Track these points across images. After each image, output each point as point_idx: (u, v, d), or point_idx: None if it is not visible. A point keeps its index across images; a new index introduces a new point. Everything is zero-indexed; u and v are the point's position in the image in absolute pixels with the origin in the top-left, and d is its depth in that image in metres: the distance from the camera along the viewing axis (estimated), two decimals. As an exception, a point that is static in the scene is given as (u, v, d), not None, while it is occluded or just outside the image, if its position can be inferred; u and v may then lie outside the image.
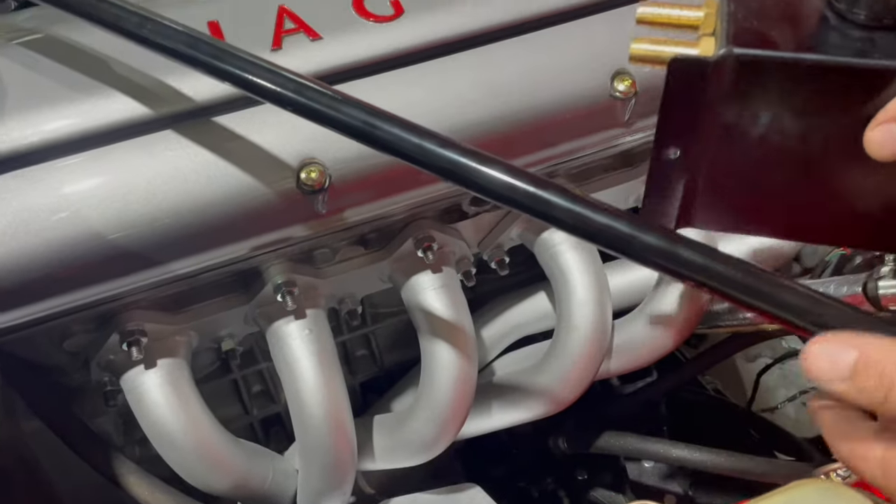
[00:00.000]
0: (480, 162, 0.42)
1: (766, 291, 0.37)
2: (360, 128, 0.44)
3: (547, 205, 0.41)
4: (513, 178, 0.41)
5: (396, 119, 0.44)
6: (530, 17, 0.61)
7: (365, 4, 0.59)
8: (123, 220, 0.52)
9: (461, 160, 0.42)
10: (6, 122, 0.52)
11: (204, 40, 0.47)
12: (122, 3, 0.49)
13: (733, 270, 0.38)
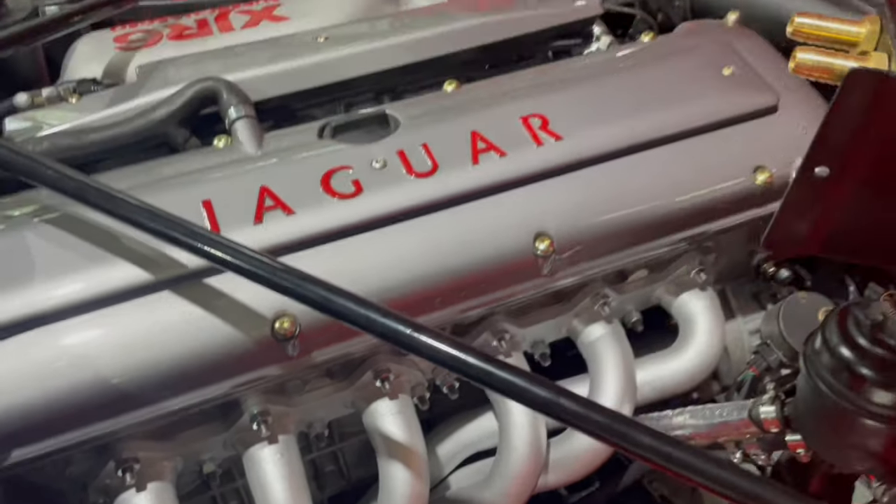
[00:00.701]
0: (409, 327, 0.54)
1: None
2: (315, 301, 0.57)
3: (462, 363, 0.53)
4: (436, 341, 0.53)
5: (346, 293, 0.57)
6: (466, 192, 0.75)
7: (331, 184, 0.73)
8: (128, 366, 0.63)
9: (395, 327, 0.54)
10: (35, 288, 0.63)
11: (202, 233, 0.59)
12: (124, 196, 0.62)
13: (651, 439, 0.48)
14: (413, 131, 0.78)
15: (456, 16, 0.99)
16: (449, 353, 0.52)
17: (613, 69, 0.88)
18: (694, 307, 0.89)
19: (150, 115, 0.81)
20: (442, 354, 0.53)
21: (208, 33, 0.99)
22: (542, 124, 0.78)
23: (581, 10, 1.01)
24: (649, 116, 0.81)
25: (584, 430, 0.50)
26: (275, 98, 0.88)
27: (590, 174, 0.78)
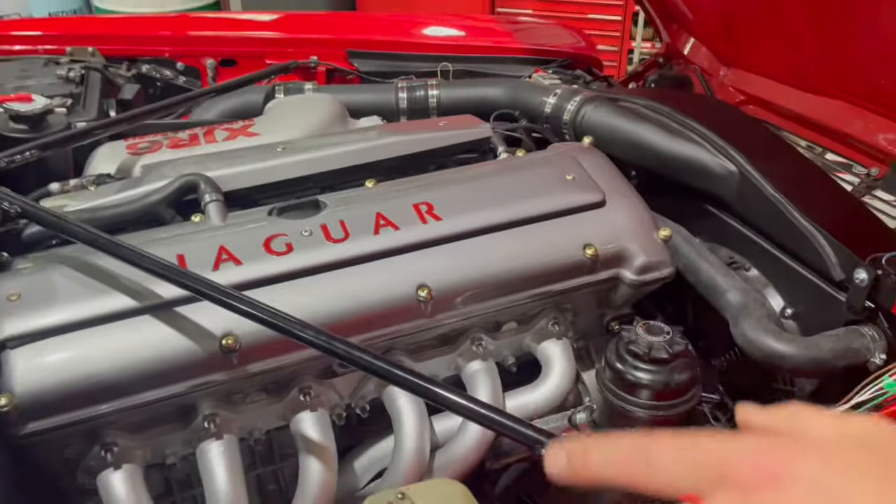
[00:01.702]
0: (330, 339, 0.82)
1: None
2: (256, 316, 0.85)
3: (368, 363, 0.80)
4: (342, 346, 0.81)
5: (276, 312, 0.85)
6: (369, 254, 1.04)
7: (271, 246, 1.02)
8: (117, 364, 0.90)
9: (318, 339, 0.82)
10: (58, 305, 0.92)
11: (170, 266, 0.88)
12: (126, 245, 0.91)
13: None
14: (335, 211, 1.09)
15: (384, 134, 1.33)
16: (336, 346, 0.81)
17: (488, 173, 1.21)
18: (551, 352, 1.16)
19: (147, 198, 1.12)
20: (334, 347, 0.81)
21: (197, 143, 1.32)
22: (428, 209, 1.09)
23: (478, 133, 1.36)
24: (509, 205, 1.12)
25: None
26: (241, 189, 1.19)
27: (462, 245, 1.08)
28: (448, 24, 2.14)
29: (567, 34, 2.17)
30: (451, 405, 0.80)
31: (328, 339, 0.84)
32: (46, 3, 4.56)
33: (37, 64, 1.59)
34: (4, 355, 0.89)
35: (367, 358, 0.82)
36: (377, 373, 0.83)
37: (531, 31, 2.12)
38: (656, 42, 4.00)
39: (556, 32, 2.16)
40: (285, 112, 1.47)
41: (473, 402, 0.79)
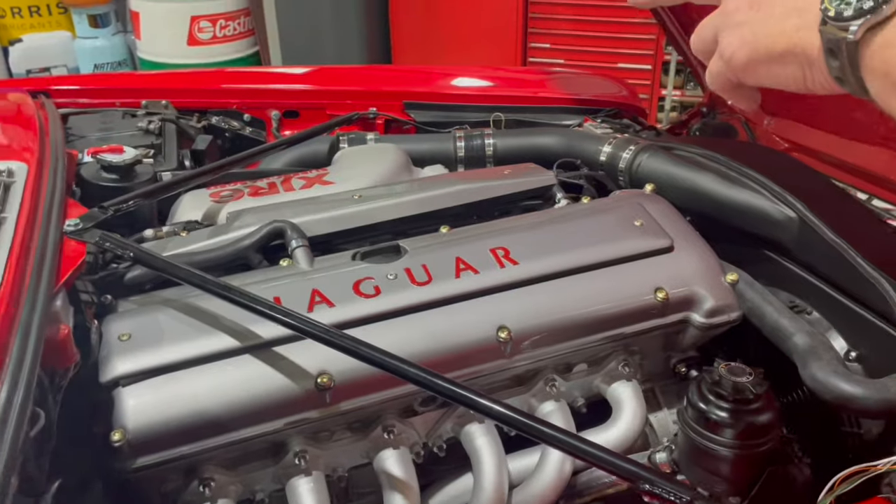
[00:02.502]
0: (426, 373, 0.87)
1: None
2: (364, 354, 0.90)
3: (468, 399, 0.85)
4: (441, 382, 0.86)
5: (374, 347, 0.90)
6: (451, 296, 1.09)
7: (360, 288, 1.08)
8: (220, 402, 0.95)
9: (416, 373, 0.87)
10: (166, 345, 0.97)
11: (276, 307, 0.94)
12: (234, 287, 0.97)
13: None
14: (416, 256, 1.15)
15: (453, 182, 1.39)
16: (429, 380, 0.85)
17: (558, 219, 1.26)
18: (621, 393, 1.20)
19: (238, 244, 1.18)
20: (424, 380, 0.85)
21: (276, 192, 1.39)
22: (504, 254, 1.15)
23: (542, 181, 1.42)
24: (581, 250, 1.17)
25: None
26: (321, 235, 1.26)
27: (538, 288, 1.13)
28: (495, 75, 2.23)
29: (610, 84, 2.24)
30: (558, 443, 0.84)
31: (432, 376, 0.89)
32: (91, 55, 4.76)
33: (115, 116, 1.68)
34: (117, 392, 0.94)
35: (469, 395, 0.86)
36: (480, 409, 0.87)
37: (575, 81, 2.19)
38: (686, 90, 4.09)
39: (600, 82, 2.24)
40: (355, 161, 1.54)
41: (583, 441, 0.83)
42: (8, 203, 1.03)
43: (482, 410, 0.91)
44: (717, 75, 0.67)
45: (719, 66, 0.66)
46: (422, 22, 4.16)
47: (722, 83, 0.67)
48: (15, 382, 0.72)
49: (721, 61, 0.65)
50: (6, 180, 1.09)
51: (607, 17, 3.92)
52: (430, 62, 4.17)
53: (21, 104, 1.49)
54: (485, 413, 0.92)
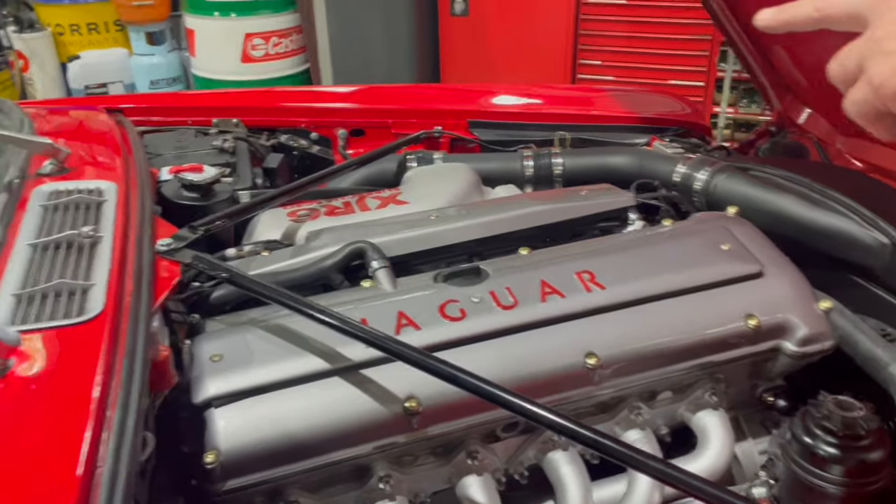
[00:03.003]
0: (520, 399, 0.85)
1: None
2: (446, 375, 0.89)
3: (547, 420, 0.83)
4: (536, 408, 0.84)
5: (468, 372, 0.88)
6: (537, 321, 1.07)
7: (445, 311, 1.07)
8: (308, 425, 0.95)
9: (510, 399, 0.85)
10: (257, 366, 0.97)
11: (370, 330, 0.93)
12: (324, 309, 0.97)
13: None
14: (500, 278, 1.13)
15: (529, 203, 1.38)
16: (523, 406, 0.83)
17: (642, 242, 1.24)
18: (708, 422, 1.16)
19: (320, 264, 1.18)
20: (518, 406, 0.84)
21: (351, 211, 1.39)
22: (590, 277, 1.12)
23: (620, 202, 1.40)
24: (669, 275, 1.15)
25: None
26: (400, 256, 1.25)
27: (626, 313, 1.10)
28: (556, 93, 2.22)
29: (673, 101, 2.21)
30: (653, 471, 0.81)
31: (526, 402, 0.87)
32: (147, 72, 4.88)
33: (189, 134, 1.70)
34: (210, 414, 0.94)
35: (565, 423, 0.84)
36: (574, 436, 0.85)
37: (639, 99, 2.16)
38: (739, 107, 4.03)
39: (663, 100, 2.21)
40: (427, 181, 1.54)
41: (679, 470, 0.80)
42: (102, 222, 1.04)
43: (577, 437, 0.89)
44: (861, 103, 0.65)
45: (865, 93, 0.64)
46: (471, 39, 4.18)
47: (866, 111, 0.65)
48: (126, 407, 0.72)
49: (868, 89, 0.63)
50: (97, 199, 1.10)
51: (659, 33, 3.88)
52: (478, 80, 4.18)
53: (102, 123, 1.52)
54: (580, 440, 0.90)
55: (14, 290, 0.87)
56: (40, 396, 0.73)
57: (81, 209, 1.07)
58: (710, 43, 3.80)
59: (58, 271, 0.91)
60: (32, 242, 0.97)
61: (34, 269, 0.92)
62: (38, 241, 0.97)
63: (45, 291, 0.87)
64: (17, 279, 0.89)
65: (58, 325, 0.82)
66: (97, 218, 1.06)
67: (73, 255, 0.95)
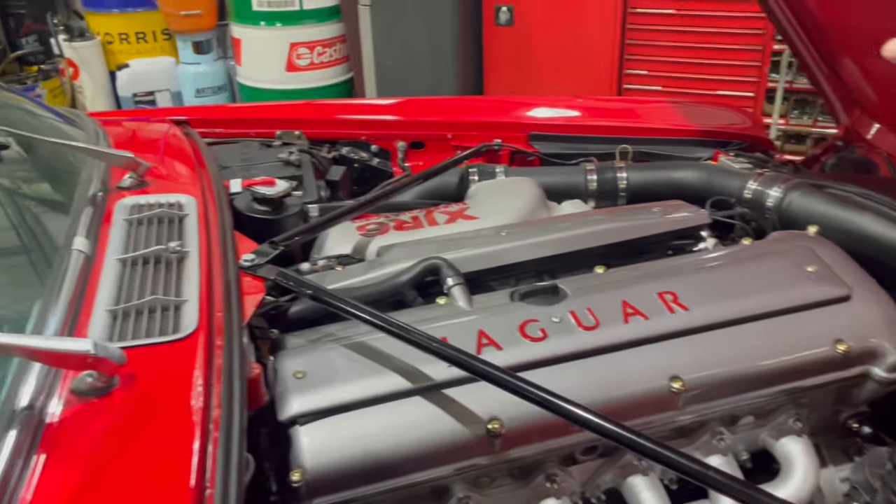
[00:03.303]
0: (608, 422, 0.83)
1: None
2: (533, 396, 0.87)
3: (636, 444, 0.81)
4: (626, 432, 0.82)
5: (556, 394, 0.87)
6: (621, 342, 1.05)
7: (526, 331, 1.05)
8: (393, 444, 0.94)
9: (599, 422, 0.84)
10: (340, 384, 0.96)
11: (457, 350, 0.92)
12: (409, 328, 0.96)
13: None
14: (579, 298, 1.11)
15: (603, 220, 1.36)
16: (613, 429, 0.82)
17: (724, 262, 1.21)
18: (792, 449, 1.13)
19: (395, 280, 1.18)
20: (607, 429, 0.82)
21: (420, 226, 1.39)
22: (673, 298, 1.10)
23: (695, 219, 1.37)
24: (754, 297, 1.12)
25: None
26: (473, 272, 1.24)
27: (712, 336, 1.08)
28: (612, 106, 2.19)
29: (733, 114, 2.17)
30: (744, 498, 0.79)
31: (615, 425, 0.85)
32: (194, 80, 4.95)
33: (253, 146, 1.72)
34: (295, 431, 0.94)
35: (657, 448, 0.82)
36: (663, 461, 0.83)
37: (698, 111, 2.13)
38: (790, 118, 3.95)
39: (723, 113, 2.17)
40: (493, 196, 1.53)
41: (768, 496, 0.77)
42: (186, 237, 1.04)
43: (665, 462, 0.86)
44: None
45: None
46: (515, 48, 4.16)
47: None
48: (229, 429, 0.72)
49: None
50: (179, 213, 1.11)
51: (708, 43, 3.82)
52: (522, 90, 4.16)
53: (172, 135, 1.53)
54: (667, 465, 0.87)
55: (108, 305, 0.88)
56: (145, 415, 0.73)
57: (165, 223, 1.08)
58: (761, 53, 3.74)
59: (149, 287, 0.92)
60: (122, 257, 0.98)
61: (125, 284, 0.92)
62: (126, 255, 0.98)
63: (140, 308, 0.87)
64: (110, 295, 0.90)
65: (155, 342, 0.82)
66: (181, 232, 1.06)
67: (162, 270, 0.96)
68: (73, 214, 1.04)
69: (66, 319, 0.82)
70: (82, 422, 0.70)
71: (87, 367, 0.71)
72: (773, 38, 3.62)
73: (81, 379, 0.74)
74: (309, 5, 4.29)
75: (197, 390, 0.76)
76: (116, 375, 0.74)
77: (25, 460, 0.64)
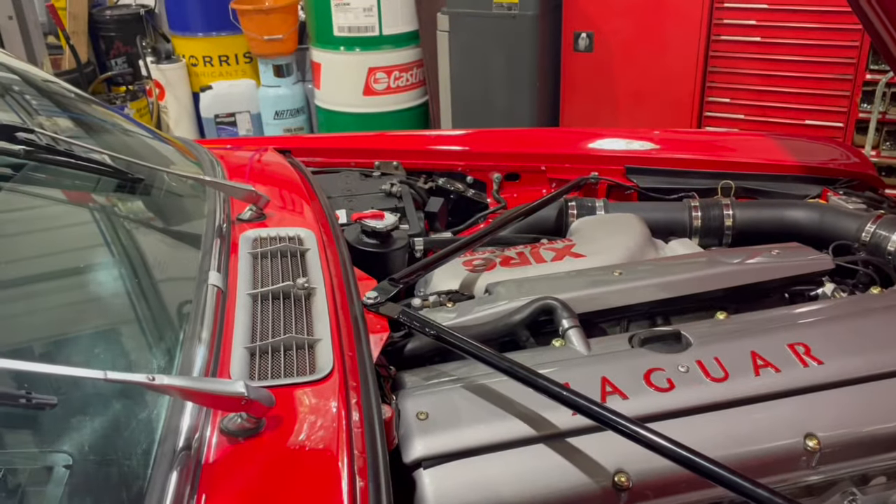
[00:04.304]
0: (733, 475, 0.80)
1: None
2: (664, 449, 0.84)
3: (770, 501, 0.77)
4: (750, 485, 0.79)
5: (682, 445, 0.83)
6: (752, 396, 1.01)
7: (651, 380, 1.02)
8: (519, 493, 0.92)
9: (723, 473, 0.80)
10: (463, 427, 0.95)
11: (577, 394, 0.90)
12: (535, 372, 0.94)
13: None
14: (705, 346, 1.08)
15: (714, 262, 1.32)
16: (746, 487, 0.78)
17: (855, 313, 1.15)
18: (931, 514, 1.06)
19: (509, 318, 1.16)
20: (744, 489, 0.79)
21: (527, 262, 1.37)
22: (805, 350, 1.05)
23: (818, 264, 1.31)
24: (890, 352, 1.06)
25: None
26: (586, 313, 1.21)
27: (847, 392, 1.03)
28: (708, 139, 2.14)
29: (837, 150, 2.10)
30: None
31: (746, 480, 0.81)
32: (273, 103, 5.08)
33: (354, 177, 1.74)
34: (419, 475, 0.93)
35: None
36: None
37: (800, 146, 2.05)
38: (882, 150, 3.80)
39: (827, 149, 2.09)
40: (599, 232, 1.50)
41: None
42: (311, 273, 1.05)
43: None
44: None
45: None
46: (593, 75, 4.12)
47: None
48: (377, 478, 0.71)
49: None
50: (301, 248, 1.12)
51: (794, 71, 3.72)
52: (600, 118, 4.12)
53: (281, 165, 1.56)
54: None
55: (245, 342, 0.89)
56: (295, 458, 0.73)
57: (288, 257, 1.09)
58: (852, 83, 3.61)
59: (282, 324, 0.93)
60: (252, 293, 0.99)
61: (258, 320, 0.94)
62: (256, 291, 1.00)
63: (276, 346, 0.88)
64: (245, 331, 0.91)
65: (294, 382, 0.83)
66: (304, 268, 1.07)
67: (292, 306, 0.97)
68: (204, 248, 1.06)
69: (209, 356, 0.83)
70: (236, 463, 0.71)
71: (240, 409, 0.72)
72: (866, 68, 3.50)
73: (231, 419, 0.75)
74: (388, 31, 4.37)
75: (340, 432, 0.76)
76: (264, 417, 0.74)
77: (188, 501, 0.65)
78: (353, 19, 4.31)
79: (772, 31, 3.69)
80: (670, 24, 3.86)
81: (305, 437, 0.76)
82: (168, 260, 1.10)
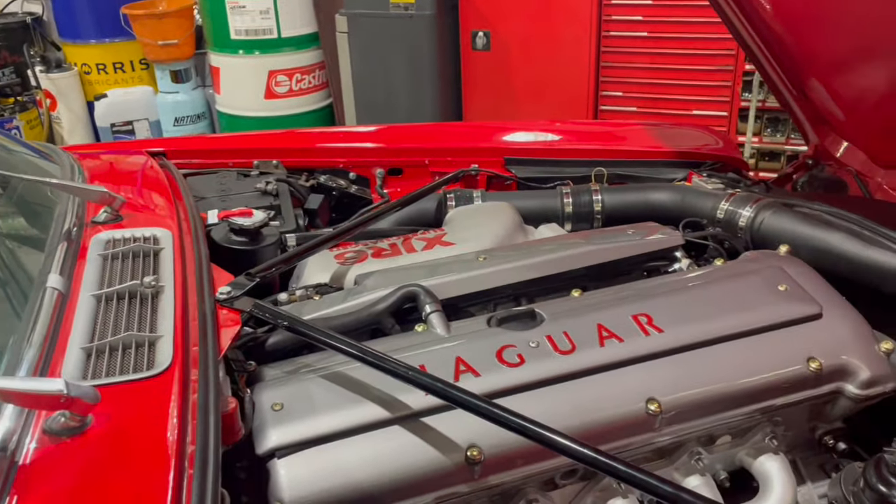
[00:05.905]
0: (586, 447, 0.84)
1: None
2: (511, 424, 0.88)
3: (611, 468, 0.81)
4: (594, 453, 0.83)
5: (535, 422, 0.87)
6: (598, 366, 1.06)
7: (503, 357, 1.06)
8: (373, 476, 0.94)
9: (569, 444, 0.84)
10: (318, 415, 0.96)
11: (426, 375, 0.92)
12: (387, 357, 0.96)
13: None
14: (556, 322, 1.12)
15: (578, 243, 1.37)
16: (590, 455, 0.83)
17: (697, 283, 1.23)
18: (769, 467, 1.14)
19: (372, 308, 1.18)
20: (588, 457, 0.84)
21: (398, 253, 1.39)
22: (647, 320, 1.11)
23: (669, 240, 1.39)
24: (727, 317, 1.13)
25: None
26: (451, 298, 1.24)
27: (686, 357, 1.09)
28: (587, 129, 2.22)
29: (706, 135, 2.21)
30: None
31: (592, 451, 0.86)
32: (172, 109, 4.94)
33: (231, 177, 1.72)
34: (273, 464, 0.93)
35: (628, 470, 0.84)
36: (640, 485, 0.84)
37: (671, 133, 2.16)
38: (764, 136, 4.02)
39: (696, 134, 2.20)
40: (471, 221, 1.54)
41: None
42: (162, 271, 1.04)
43: (642, 485, 0.87)
44: None
45: None
46: (493, 73, 4.20)
47: None
48: (204, 465, 0.72)
49: None
50: (154, 248, 1.11)
51: (681, 64, 3.89)
52: (501, 114, 4.20)
53: (148, 167, 1.53)
54: (645, 489, 0.88)
55: (83, 343, 0.88)
56: (119, 453, 0.73)
57: (140, 258, 1.08)
58: (733, 73, 3.81)
59: (123, 323, 0.91)
60: (96, 293, 0.97)
61: (100, 321, 0.92)
62: (101, 291, 0.98)
63: (114, 344, 0.87)
64: (84, 332, 0.90)
65: (129, 379, 0.82)
66: (156, 267, 1.06)
67: (137, 306, 0.96)
68: (48, 251, 1.03)
69: (39, 358, 0.82)
70: (55, 462, 0.70)
71: (60, 407, 0.71)
72: (745, 59, 3.69)
73: (55, 419, 0.73)
74: (287, 33, 4.33)
75: (171, 426, 0.75)
76: (90, 414, 0.74)
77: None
78: (249, 22, 4.25)
79: (658, 27, 3.86)
80: (562, 22, 3.98)
81: (134, 431, 0.76)
82: (11, 265, 1.07)
